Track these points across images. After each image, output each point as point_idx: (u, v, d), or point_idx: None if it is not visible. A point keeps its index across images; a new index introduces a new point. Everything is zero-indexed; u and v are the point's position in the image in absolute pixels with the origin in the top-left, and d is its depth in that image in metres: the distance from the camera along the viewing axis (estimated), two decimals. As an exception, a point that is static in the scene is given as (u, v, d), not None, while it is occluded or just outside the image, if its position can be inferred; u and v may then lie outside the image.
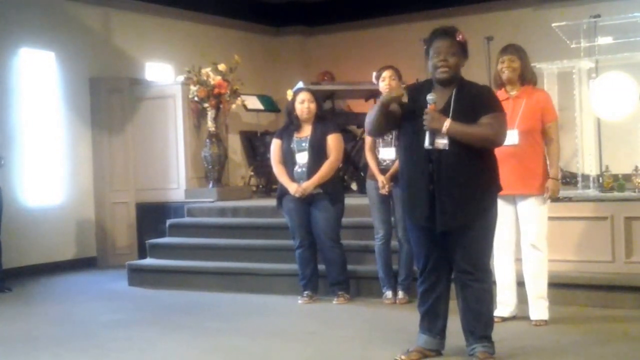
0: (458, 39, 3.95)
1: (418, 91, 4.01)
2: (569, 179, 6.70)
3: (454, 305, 4.08)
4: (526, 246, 4.86)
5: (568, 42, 6.10)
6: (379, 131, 4.26)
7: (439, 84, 3.99)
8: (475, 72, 4.75)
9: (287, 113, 6.11)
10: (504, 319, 4.90)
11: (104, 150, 8.76)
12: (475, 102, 3.93)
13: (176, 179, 8.46)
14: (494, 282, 4.51)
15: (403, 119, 4.01)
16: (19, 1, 8.16)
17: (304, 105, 5.95)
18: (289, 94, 6.39)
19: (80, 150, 8.70)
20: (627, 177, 5.91)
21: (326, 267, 5.97)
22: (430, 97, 3.90)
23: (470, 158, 3.88)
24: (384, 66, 5.82)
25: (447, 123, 3.84)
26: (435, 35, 3.99)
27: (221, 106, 8.17)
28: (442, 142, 3.86)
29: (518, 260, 4.93)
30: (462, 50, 3.98)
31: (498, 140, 3.97)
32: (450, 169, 3.86)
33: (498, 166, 4.08)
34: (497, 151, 4.20)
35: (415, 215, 4.01)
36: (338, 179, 6.18)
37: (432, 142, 3.86)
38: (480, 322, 3.97)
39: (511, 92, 4.89)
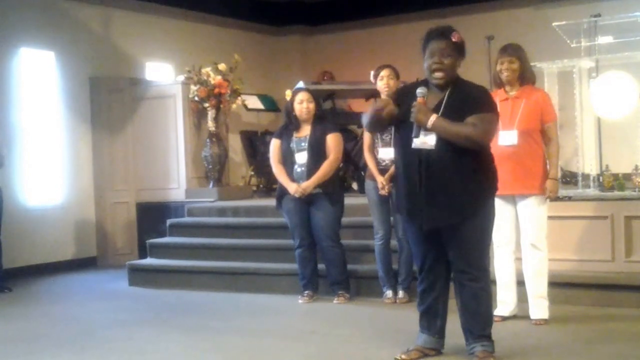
0: (454, 39, 3.87)
1: (414, 91, 3.96)
2: (569, 178, 6.70)
3: (454, 305, 4.07)
4: (526, 246, 4.85)
5: (568, 41, 6.11)
6: (375, 130, 4.29)
7: (434, 85, 3.95)
8: (475, 72, 4.74)
9: (286, 113, 6.11)
10: (504, 318, 4.90)
11: (104, 150, 8.76)
12: (467, 102, 3.87)
13: (176, 179, 8.46)
14: (494, 282, 4.50)
15: (399, 119, 3.97)
16: (19, 1, 8.16)
17: (302, 105, 5.94)
18: (288, 94, 6.39)
19: (80, 150, 8.70)
20: (627, 177, 5.90)
21: (326, 266, 5.97)
22: (420, 90, 3.86)
23: (460, 158, 3.83)
24: (382, 65, 5.82)
25: (432, 118, 3.80)
26: (431, 36, 3.92)
27: (221, 106, 8.17)
28: (429, 144, 3.82)
29: (518, 259, 4.93)
30: (458, 50, 3.90)
31: (482, 141, 3.86)
32: (437, 169, 3.82)
33: (495, 167, 4.03)
34: (496, 151, 4.19)
35: (403, 213, 4.02)
36: (338, 179, 6.17)
37: (417, 135, 3.81)
38: (478, 321, 3.97)
39: (510, 93, 4.89)
